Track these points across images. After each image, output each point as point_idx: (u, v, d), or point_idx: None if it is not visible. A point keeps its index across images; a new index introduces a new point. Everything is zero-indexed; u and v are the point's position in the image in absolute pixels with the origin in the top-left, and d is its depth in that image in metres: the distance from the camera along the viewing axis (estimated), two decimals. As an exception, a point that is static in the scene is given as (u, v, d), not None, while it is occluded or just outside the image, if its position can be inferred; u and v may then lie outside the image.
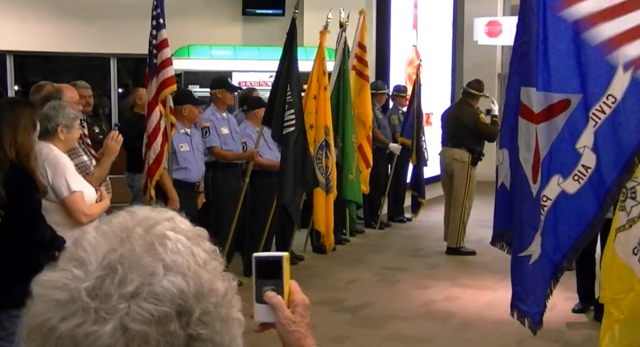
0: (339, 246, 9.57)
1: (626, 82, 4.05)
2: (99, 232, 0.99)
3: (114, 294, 0.91)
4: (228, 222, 7.58)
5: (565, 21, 4.11)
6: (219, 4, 12.71)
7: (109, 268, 0.93)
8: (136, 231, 0.98)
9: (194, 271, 0.96)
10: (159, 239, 0.97)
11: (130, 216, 1.01)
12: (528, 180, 4.13)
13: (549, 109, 4.14)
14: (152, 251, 0.96)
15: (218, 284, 1.00)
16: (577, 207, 4.19)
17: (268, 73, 10.46)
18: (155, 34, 6.92)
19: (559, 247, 4.23)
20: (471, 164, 9.26)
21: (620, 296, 3.89)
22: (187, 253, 0.98)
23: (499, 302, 7.05)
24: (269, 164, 8.07)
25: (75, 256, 0.96)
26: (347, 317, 6.86)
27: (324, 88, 8.37)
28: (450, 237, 9.44)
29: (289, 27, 7.66)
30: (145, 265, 0.94)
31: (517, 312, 4.31)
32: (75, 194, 4.72)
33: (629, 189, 4.31)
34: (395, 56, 12.25)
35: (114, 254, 0.95)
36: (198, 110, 7.46)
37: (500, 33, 14.97)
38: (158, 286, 0.93)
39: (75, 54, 12.88)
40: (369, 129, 9.72)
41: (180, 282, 0.94)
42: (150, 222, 1.00)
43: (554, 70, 4.15)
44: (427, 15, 13.60)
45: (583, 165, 4.14)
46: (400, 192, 11.27)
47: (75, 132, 4.94)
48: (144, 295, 0.92)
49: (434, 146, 11.01)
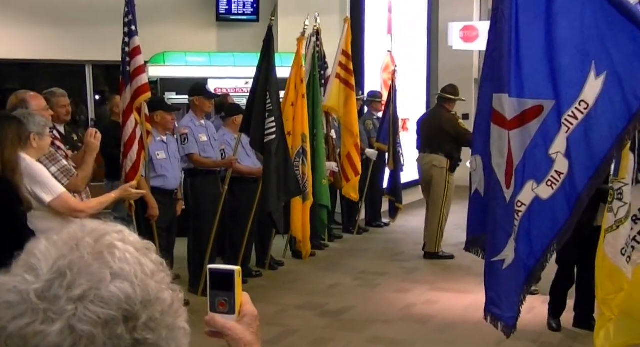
0: (319, 252, 9.60)
1: (598, 88, 4.08)
2: (49, 242, 1.02)
3: (63, 296, 0.95)
4: (208, 229, 7.57)
5: (537, 27, 4.14)
6: (193, 10, 12.69)
7: (58, 273, 0.97)
8: (86, 240, 1.02)
9: (141, 279, 1.00)
10: (108, 248, 1.01)
11: (81, 228, 1.05)
12: (501, 185, 4.15)
13: (522, 115, 4.16)
14: (101, 259, 1.00)
15: (165, 293, 1.04)
16: (550, 213, 4.22)
17: (244, 79, 10.56)
18: (127, 41, 6.92)
19: (533, 253, 4.26)
20: (449, 170, 9.27)
21: (610, 296, 3.93)
22: (134, 262, 1.02)
23: (477, 304, 6.94)
24: (247, 171, 8.08)
25: (27, 262, 1.00)
26: (328, 321, 6.90)
27: (302, 96, 8.36)
28: (428, 242, 9.48)
29: (266, 33, 7.63)
30: (93, 271, 0.98)
31: (491, 316, 4.33)
32: (60, 195, 4.72)
33: (616, 190, 4.37)
34: (370, 62, 12.24)
35: (64, 260, 0.99)
36: (171, 117, 7.42)
37: (477, 38, 14.93)
38: (105, 290, 0.97)
39: (51, 61, 12.81)
40: (356, 138, 9.82)
41: (127, 288, 0.98)
42: (100, 233, 1.04)
43: (527, 76, 4.17)
44: (402, 20, 13.56)
45: (556, 171, 4.17)
46: (377, 197, 11.28)
47: (47, 139, 4.93)
48: (91, 298, 0.96)
49: (410, 151, 11.00)
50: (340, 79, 9.68)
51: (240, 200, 8.07)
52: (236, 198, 8.06)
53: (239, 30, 12.57)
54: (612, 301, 3.93)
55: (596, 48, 4.10)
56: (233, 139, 8.01)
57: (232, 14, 12.67)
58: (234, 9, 12.66)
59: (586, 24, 4.12)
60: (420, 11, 14.61)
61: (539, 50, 4.15)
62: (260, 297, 7.03)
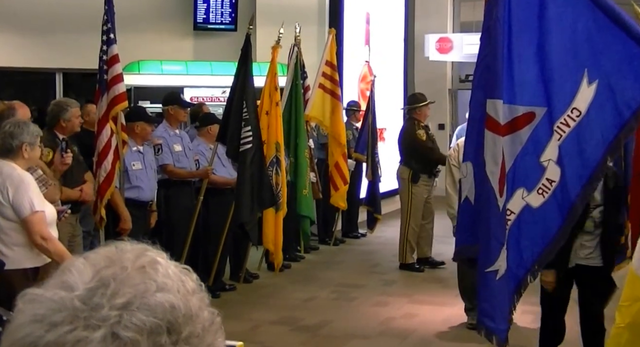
0: (294, 264, 9.48)
1: (590, 95, 4.12)
2: (87, 259, 0.98)
3: (106, 305, 0.91)
4: (181, 242, 7.45)
5: (529, 33, 4.14)
6: (170, 19, 12.59)
7: (100, 282, 0.93)
8: (126, 256, 0.99)
9: (183, 294, 0.97)
10: (150, 264, 0.98)
11: (117, 248, 1.01)
12: (495, 194, 4.10)
13: (514, 122, 4.16)
14: (144, 273, 0.96)
15: (205, 312, 1.00)
16: (541, 222, 4.22)
17: (220, 89, 10.53)
18: (105, 50, 6.83)
19: (522, 262, 4.24)
20: (411, 181, 9.16)
21: (625, 303, 3.89)
22: (177, 279, 0.99)
23: (456, 317, 7.13)
24: (223, 182, 7.95)
25: (61, 280, 0.95)
26: (304, 336, 6.74)
27: (276, 104, 8.33)
28: (399, 252, 9.37)
29: (244, 42, 7.59)
30: (137, 282, 0.94)
31: (485, 330, 4.24)
32: (37, 214, 4.65)
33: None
34: (348, 72, 12.24)
35: (106, 270, 0.95)
36: (151, 128, 7.33)
37: (451, 49, 15.09)
38: (151, 298, 0.93)
39: (17, 69, 12.57)
40: (344, 147, 9.97)
41: (173, 299, 0.95)
42: (140, 250, 1.01)
43: (519, 83, 4.18)
44: (379, 31, 13.63)
45: (547, 179, 4.18)
46: (354, 207, 11.18)
47: (38, 150, 4.87)
48: (136, 305, 0.92)
49: (388, 161, 10.98)
50: (325, 89, 9.70)
51: (215, 212, 7.93)
52: (210, 210, 7.92)
53: (216, 39, 12.48)
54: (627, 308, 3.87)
55: (588, 56, 4.15)
56: (207, 149, 7.90)
57: (209, 23, 12.59)
58: (211, 18, 12.57)
59: (579, 31, 4.16)
60: (397, 23, 14.69)
61: (531, 57, 4.18)
62: (233, 313, 6.88)
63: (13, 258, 4.65)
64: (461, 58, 15.25)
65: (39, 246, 4.65)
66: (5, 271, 4.51)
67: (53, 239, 4.74)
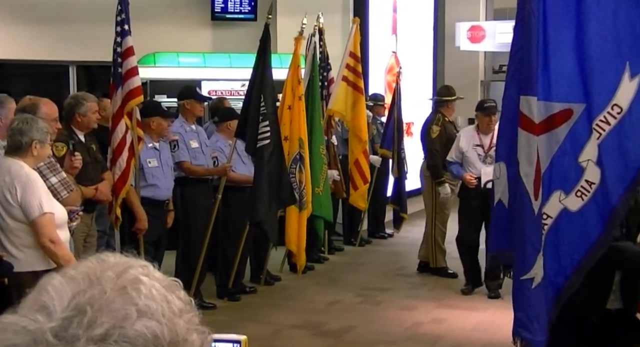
0: (317, 265, 9.33)
1: (633, 90, 3.96)
2: (65, 277, 0.95)
3: (82, 336, 0.89)
4: (199, 242, 7.31)
5: (567, 25, 3.94)
6: (186, 8, 12.52)
7: (76, 310, 0.91)
8: (107, 274, 0.95)
9: (168, 318, 0.94)
10: (132, 283, 0.95)
11: (100, 262, 0.98)
12: (530, 197, 3.88)
13: (550, 120, 3.97)
14: (125, 295, 0.93)
15: (194, 335, 0.97)
16: (581, 226, 4.02)
17: (240, 82, 10.26)
18: (119, 42, 6.77)
19: (562, 270, 4.03)
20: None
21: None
22: (161, 299, 0.95)
23: (487, 324, 7.06)
24: (242, 180, 7.74)
25: (37, 300, 0.93)
26: (328, 342, 6.62)
27: (299, 98, 8.14)
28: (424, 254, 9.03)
29: (262, 33, 7.45)
30: (116, 308, 0.91)
31: (521, 341, 4.02)
32: (46, 216, 4.59)
33: None
34: (374, 63, 12.07)
35: (83, 296, 0.92)
36: (167, 123, 7.18)
37: (484, 38, 14.89)
38: (131, 329, 0.90)
39: (30, 62, 12.56)
40: (365, 144, 9.64)
41: (155, 327, 0.92)
42: (122, 266, 0.98)
43: (555, 78, 3.97)
44: (407, 20, 13.43)
45: (586, 181, 3.98)
46: (380, 206, 11.01)
47: (48, 147, 4.81)
48: (114, 337, 0.89)
49: (414, 157, 10.71)
50: (347, 82, 9.46)
51: (234, 211, 7.74)
52: (230, 209, 7.73)
53: (235, 30, 12.38)
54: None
55: (630, 48, 3.98)
56: (226, 146, 7.73)
57: (228, 12, 12.50)
58: (230, 7, 12.49)
59: (620, 20, 3.98)
60: (426, 11, 14.46)
61: (568, 50, 3.98)
62: (254, 317, 6.87)
63: (23, 260, 4.65)
64: (494, 48, 14.96)
65: (47, 248, 4.62)
66: (16, 273, 4.53)
67: (62, 243, 4.68)
